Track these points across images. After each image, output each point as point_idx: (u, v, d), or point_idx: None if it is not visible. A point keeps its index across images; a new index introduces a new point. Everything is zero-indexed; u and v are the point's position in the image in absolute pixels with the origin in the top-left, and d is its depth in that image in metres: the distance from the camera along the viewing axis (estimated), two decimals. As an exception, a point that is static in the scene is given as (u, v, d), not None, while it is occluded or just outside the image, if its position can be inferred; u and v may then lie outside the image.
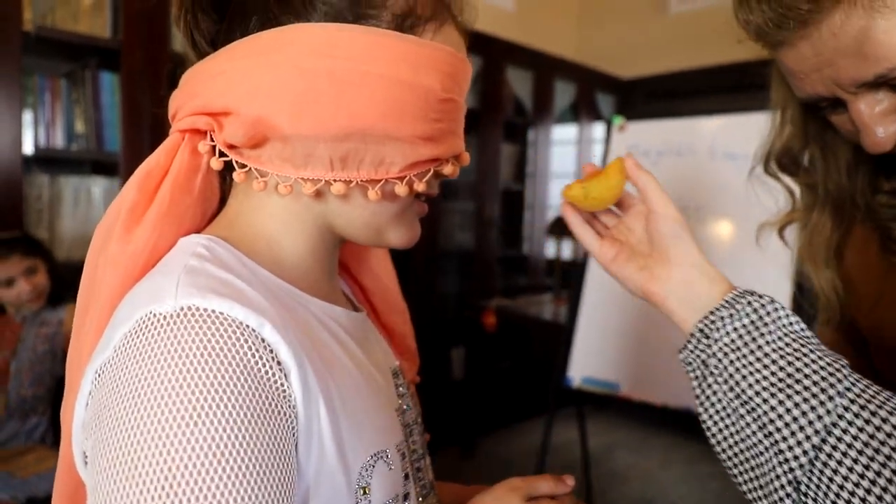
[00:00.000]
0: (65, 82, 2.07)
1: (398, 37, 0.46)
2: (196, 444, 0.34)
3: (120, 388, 0.36)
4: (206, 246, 0.44)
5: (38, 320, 1.67)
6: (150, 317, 0.38)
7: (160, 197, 0.45)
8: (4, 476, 1.51)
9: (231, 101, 0.44)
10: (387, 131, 0.45)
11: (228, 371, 0.36)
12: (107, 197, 2.13)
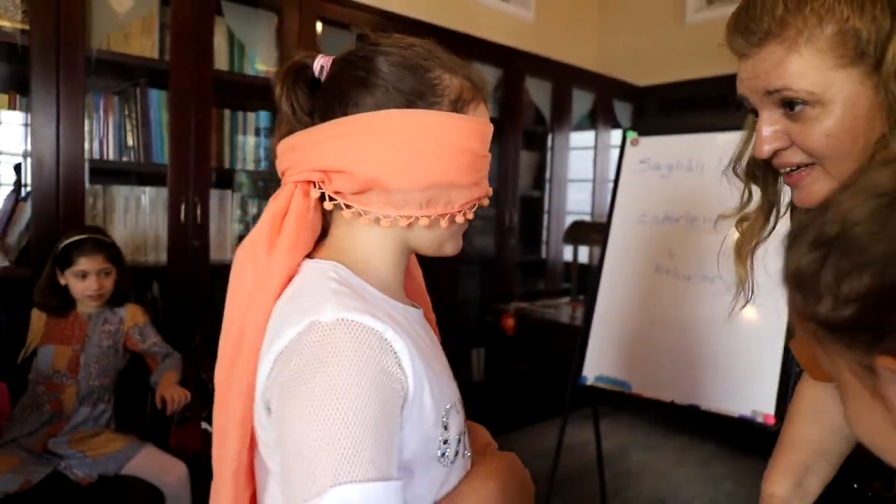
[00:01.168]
0: (117, 99, 2.31)
1: (455, 116, 0.67)
2: (348, 401, 0.55)
3: (301, 369, 0.57)
4: (335, 270, 0.66)
5: (102, 318, 1.90)
6: (316, 323, 0.59)
7: (286, 229, 0.66)
8: (80, 455, 1.75)
9: (345, 164, 0.65)
10: (453, 182, 0.67)
11: (366, 361, 0.57)
12: (153, 205, 2.37)
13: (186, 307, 2.29)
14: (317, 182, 0.68)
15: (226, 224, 2.53)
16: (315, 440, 0.54)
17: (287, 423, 0.57)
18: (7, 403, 1.83)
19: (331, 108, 0.68)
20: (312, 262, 0.68)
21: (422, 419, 0.63)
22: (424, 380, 0.63)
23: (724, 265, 0.90)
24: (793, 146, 0.69)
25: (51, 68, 2.04)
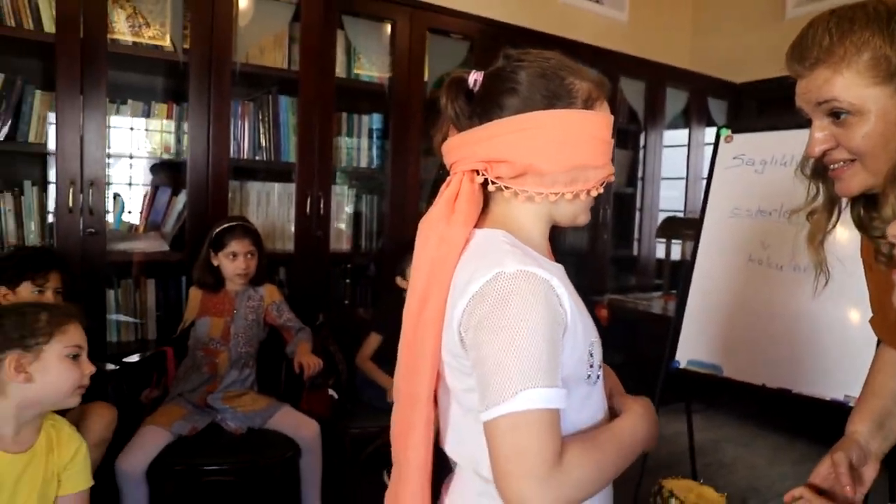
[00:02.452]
0: (252, 106, 2.69)
1: (588, 112, 0.91)
2: (530, 329, 0.78)
3: (493, 306, 0.80)
4: (504, 236, 0.89)
5: (246, 295, 2.26)
6: (501, 273, 0.81)
7: (459, 207, 0.91)
8: (232, 410, 2.11)
9: (506, 155, 0.89)
10: (589, 164, 0.91)
11: (541, 301, 0.80)
12: (281, 199, 2.74)
13: (309, 290, 2.63)
14: (480, 170, 0.93)
15: (343, 216, 2.87)
16: (507, 358, 0.78)
17: (485, 347, 0.80)
18: (173, 365, 2.21)
19: (488, 112, 0.93)
20: (482, 231, 0.93)
21: (575, 346, 0.86)
22: (577, 316, 0.86)
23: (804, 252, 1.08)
24: (838, 147, 0.89)
25: (204, 81, 2.43)
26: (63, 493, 1.39)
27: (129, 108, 2.50)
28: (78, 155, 2.25)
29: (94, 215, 2.27)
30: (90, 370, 1.39)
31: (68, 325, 1.38)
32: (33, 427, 1.37)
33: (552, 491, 0.76)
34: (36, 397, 1.34)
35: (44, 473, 1.36)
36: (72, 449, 1.41)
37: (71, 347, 1.36)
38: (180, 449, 1.97)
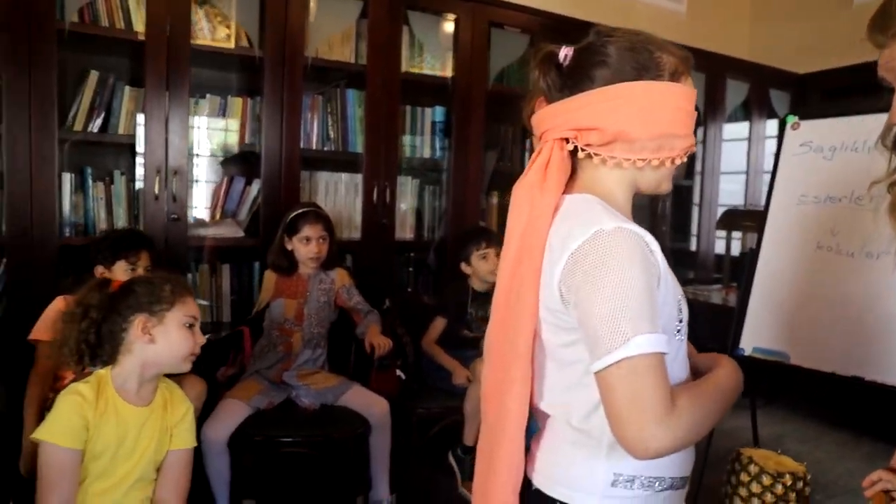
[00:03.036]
0: (321, 99, 2.82)
1: (674, 85, 0.96)
2: (632, 281, 0.84)
3: (596, 262, 0.86)
4: (596, 200, 0.96)
5: (318, 278, 2.38)
6: (600, 231, 0.87)
7: (550, 174, 0.98)
8: (305, 387, 2.23)
9: (597, 123, 0.96)
10: (675, 133, 0.96)
11: (638, 254, 0.86)
12: (347, 188, 2.86)
13: (375, 277, 2.74)
14: (570, 138, 1.00)
15: (407, 206, 2.97)
16: (615, 308, 0.84)
17: (591, 301, 0.86)
18: (249, 344, 2.34)
19: (579, 84, 0.99)
20: (572, 196, 0.99)
21: (666, 300, 0.92)
22: (668, 273, 0.93)
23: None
24: None
25: (278, 75, 2.56)
26: (173, 448, 1.52)
27: (208, 103, 2.65)
28: (163, 146, 2.41)
29: (176, 202, 2.43)
30: (202, 340, 1.51)
31: (187, 296, 1.52)
32: (152, 386, 1.51)
33: (669, 432, 0.82)
34: (156, 358, 1.47)
35: (160, 427, 1.50)
36: (182, 409, 1.55)
37: (188, 317, 1.49)
38: (258, 422, 2.09)
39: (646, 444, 0.82)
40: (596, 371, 0.86)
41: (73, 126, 2.39)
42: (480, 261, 2.54)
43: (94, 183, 2.49)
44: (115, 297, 1.47)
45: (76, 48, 2.39)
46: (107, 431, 1.42)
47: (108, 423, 1.42)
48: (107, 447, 1.42)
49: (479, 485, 1.05)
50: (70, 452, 1.37)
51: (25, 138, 2.22)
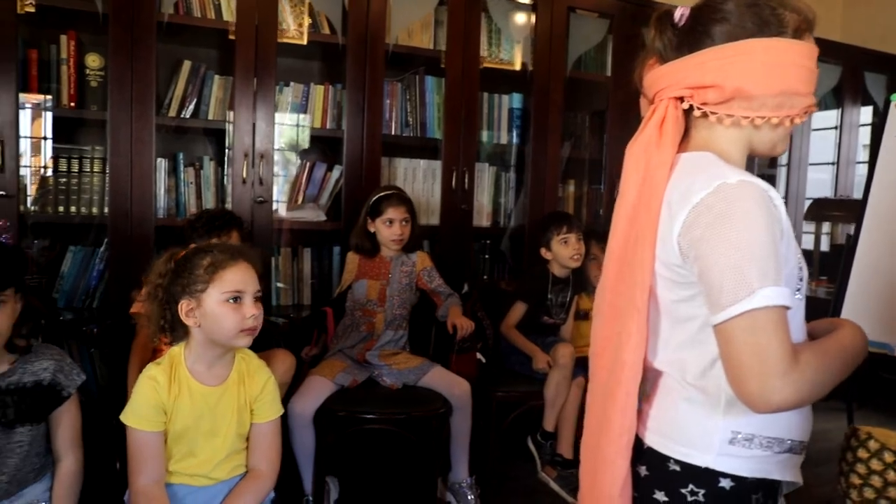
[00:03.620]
0: (400, 86, 2.87)
1: (797, 42, 0.94)
2: (758, 232, 0.83)
3: (721, 214, 0.85)
4: (715, 156, 0.94)
5: (400, 261, 2.42)
6: (724, 184, 0.87)
7: (665, 132, 0.97)
8: (387, 367, 2.27)
9: (715, 80, 0.94)
10: (798, 91, 0.94)
11: (763, 207, 0.85)
12: (426, 174, 2.89)
13: (454, 263, 2.76)
14: (685, 97, 0.99)
15: (483, 193, 2.99)
16: (740, 260, 0.83)
17: (714, 253, 0.85)
18: (332, 324, 2.40)
19: (697, 42, 0.98)
20: (687, 154, 0.98)
21: (788, 258, 0.90)
22: (790, 230, 0.91)
23: None
24: None
25: (360, 63, 2.62)
26: (257, 422, 1.52)
27: (291, 91, 2.73)
28: (250, 132, 2.50)
29: (263, 185, 2.52)
30: (251, 313, 1.42)
31: (226, 270, 1.42)
32: (224, 362, 1.50)
33: (792, 386, 0.80)
34: (207, 339, 1.45)
35: (237, 404, 1.50)
36: (261, 381, 1.53)
37: (228, 293, 1.41)
38: (342, 398, 2.14)
39: (767, 397, 0.80)
40: (717, 324, 0.85)
41: (167, 113, 2.51)
42: (561, 246, 2.52)
43: (185, 168, 2.61)
44: (169, 278, 1.44)
45: (171, 39, 2.51)
46: (183, 413, 1.44)
47: (183, 405, 1.44)
48: (186, 428, 1.45)
49: (589, 444, 1.05)
50: (151, 434, 1.42)
51: (127, 125, 2.35)
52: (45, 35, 2.39)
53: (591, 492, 1.04)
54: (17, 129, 2.24)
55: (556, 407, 2.39)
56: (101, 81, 2.44)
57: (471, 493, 2.28)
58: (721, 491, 0.93)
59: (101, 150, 2.48)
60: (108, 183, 2.38)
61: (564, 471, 2.36)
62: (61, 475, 1.49)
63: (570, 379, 2.37)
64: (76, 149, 2.50)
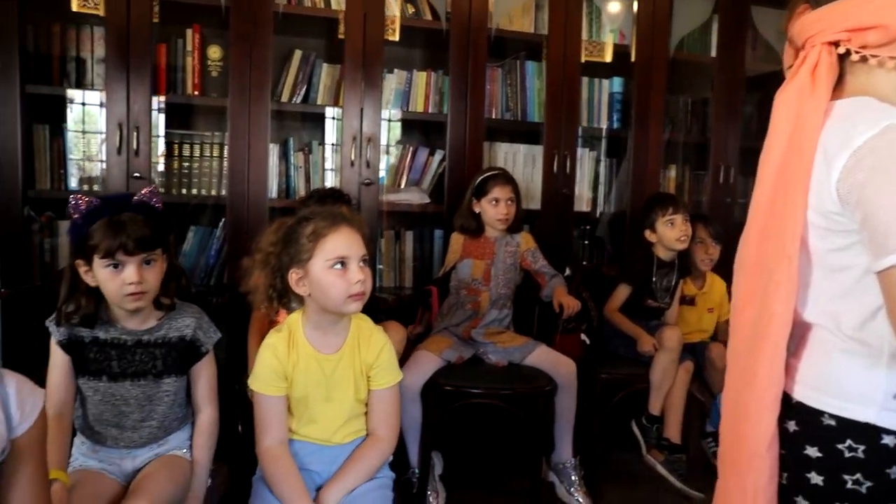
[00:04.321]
0: (501, 71, 2.89)
1: None
2: None
3: (886, 156, 0.83)
4: (876, 100, 0.91)
5: (504, 241, 2.45)
6: (892, 125, 0.84)
7: (818, 77, 0.94)
8: (492, 345, 2.30)
9: (880, 20, 0.90)
10: None
11: None
12: (527, 159, 2.91)
13: (555, 247, 2.75)
14: (841, 41, 0.96)
15: (583, 178, 2.98)
16: None
17: (880, 196, 0.83)
18: (437, 303, 2.46)
19: None
20: (843, 101, 0.96)
21: None
22: None
23: None
24: None
25: (464, 49, 2.68)
26: (374, 388, 1.55)
27: (395, 77, 2.81)
28: (358, 116, 2.60)
29: (370, 168, 2.61)
30: (357, 278, 1.41)
31: (328, 236, 1.41)
32: (339, 329, 1.52)
33: None
34: (318, 307, 1.47)
35: (354, 370, 1.52)
36: (377, 347, 1.54)
37: (333, 259, 1.41)
38: (448, 373, 2.19)
39: None
40: (882, 269, 0.83)
41: (279, 100, 2.64)
42: (667, 227, 2.48)
43: (295, 153, 2.74)
44: (279, 248, 1.46)
45: (284, 30, 2.63)
46: (302, 379, 1.50)
47: (302, 372, 1.49)
48: (305, 393, 1.50)
49: (729, 401, 1.04)
50: (274, 399, 1.49)
51: (245, 111, 2.49)
52: (172, 31, 2.56)
53: (733, 450, 1.03)
54: (149, 117, 2.42)
55: (662, 390, 2.35)
56: (221, 71, 2.60)
57: (574, 473, 2.28)
58: (883, 448, 0.90)
59: (220, 136, 2.65)
60: (226, 166, 2.54)
61: (671, 455, 2.32)
62: (200, 425, 1.60)
63: (676, 362, 2.33)
64: (197, 134, 2.68)
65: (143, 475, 1.49)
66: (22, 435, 0.97)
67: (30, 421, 0.98)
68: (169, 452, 1.56)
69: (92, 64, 2.53)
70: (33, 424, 0.98)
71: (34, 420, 0.98)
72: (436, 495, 2.25)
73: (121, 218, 1.41)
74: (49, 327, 1.49)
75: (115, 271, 1.41)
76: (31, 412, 0.98)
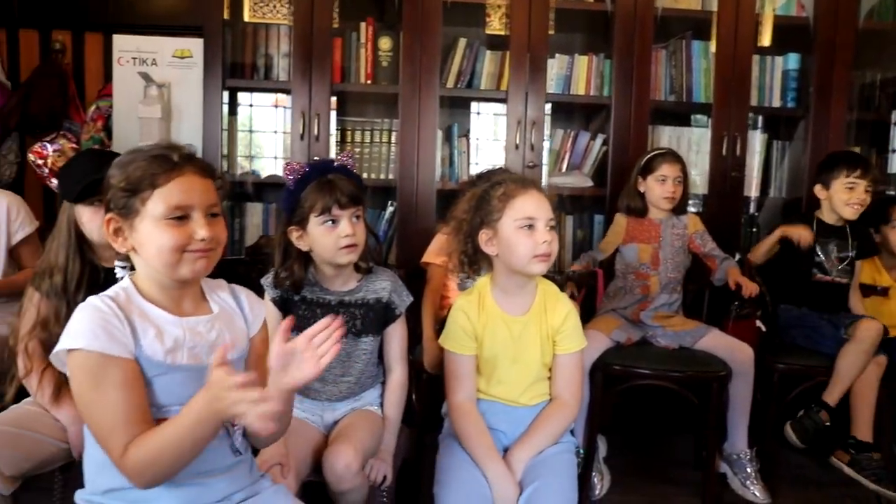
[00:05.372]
0: (664, 52, 2.83)
1: None
2: None
3: None
4: None
5: (670, 223, 2.38)
6: None
7: None
8: (661, 328, 2.25)
9: None
10: None
11: None
12: (691, 142, 2.82)
13: (723, 231, 2.64)
14: None
15: (753, 162, 2.84)
16: None
17: None
18: (602, 285, 2.45)
19: None
20: None
21: None
22: None
23: None
24: None
25: (629, 31, 2.65)
26: (559, 353, 1.59)
27: (556, 62, 2.82)
28: (522, 101, 2.64)
29: (533, 151, 2.65)
30: (544, 238, 1.47)
31: (517, 198, 1.49)
32: (526, 293, 1.57)
33: None
34: (507, 268, 1.53)
35: (540, 333, 1.58)
36: (562, 313, 1.58)
37: (521, 219, 1.48)
38: (618, 354, 2.17)
39: None
40: None
41: (445, 86, 2.73)
42: (844, 189, 2.27)
43: (459, 138, 2.83)
44: (471, 212, 1.54)
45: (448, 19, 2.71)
46: (490, 340, 1.56)
47: (490, 333, 1.56)
48: (493, 353, 1.57)
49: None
50: (464, 357, 1.57)
51: (416, 97, 2.61)
52: (347, 26, 2.74)
53: None
54: (328, 105, 2.61)
55: (845, 382, 2.17)
56: (390, 61, 2.74)
57: (750, 466, 2.19)
58: None
59: (388, 123, 2.80)
60: (394, 151, 2.68)
61: (859, 454, 2.15)
62: (392, 384, 1.70)
63: (869, 355, 2.15)
64: (367, 121, 2.85)
65: (343, 424, 1.62)
66: (254, 336, 1.23)
67: (258, 324, 1.24)
68: (363, 407, 1.68)
69: (277, 59, 2.77)
70: (261, 328, 1.25)
71: (260, 325, 1.25)
72: (600, 477, 2.24)
73: (329, 178, 1.55)
74: (265, 286, 1.65)
75: (330, 227, 1.54)
76: (258, 317, 1.25)
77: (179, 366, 1.10)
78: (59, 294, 1.49)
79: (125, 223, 1.09)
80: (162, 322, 1.11)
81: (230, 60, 2.68)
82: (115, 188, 1.09)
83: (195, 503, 1.12)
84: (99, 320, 1.05)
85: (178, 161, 1.10)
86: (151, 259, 1.09)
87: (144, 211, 1.07)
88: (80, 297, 1.41)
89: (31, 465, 1.45)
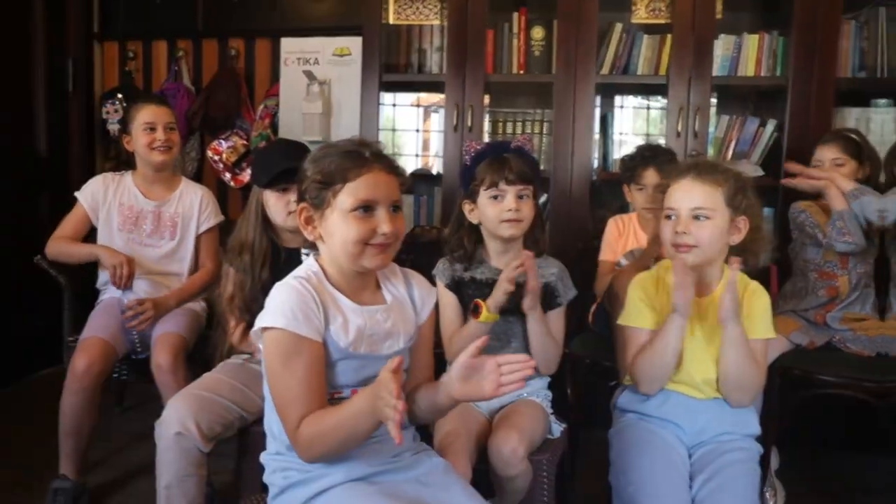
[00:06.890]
0: (853, 24, 2.52)
1: None
2: None
3: None
4: None
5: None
6: None
7: None
8: (853, 332, 2.00)
9: None
10: None
11: None
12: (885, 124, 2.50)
13: None
14: None
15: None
16: None
17: None
18: (777, 282, 2.23)
19: None
20: None
21: None
22: None
23: None
24: None
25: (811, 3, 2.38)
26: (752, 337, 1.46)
27: (721, 42, 2.60)
28: (685, 85, 2.47)
29: (697, 139, 2.47)
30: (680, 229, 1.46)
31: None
32: (710, 275, 1.50)
33: None
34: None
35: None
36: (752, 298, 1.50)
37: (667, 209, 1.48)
38: (798, 358, 1.96)
39: None
40: None
41: (600, 72, 2.62)
42: None
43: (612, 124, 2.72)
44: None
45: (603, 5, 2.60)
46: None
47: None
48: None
49: None
50: (644, 331, 1.50)
51: (571, 86, 2.52)
52: (499, 17, 2.70)
53: None
54: (482, 97, 2.59)
55: None
56: (542, 51, 2.68)
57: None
58: None
59: (541, 113, 2.74)
60: (545, 141, 2.63)
61: None
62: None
63: None
64: (520, 112, 2.81)
65: (508, 410, 1.59)
66: (422, 324, 1.27)
67: (426, 313, 1.28)
68: (529, 397, 1.63)
69: (430, 53, 2.79)
70: (429, 316, 1.29)
71: (429, 313, 1.29)
72: (772, 493, 2.04)
73: (502, 156, 1.60)
74: (436, 274, 1.66)
75: (496, 201, 1.58)
76: (427, 305, 1.29)
77: (358, 354, 1.17)
78: (247, 270, 1.67)
79: (316, 213, 1.16)
80: (346, 310, 1.18)
81: (384, 59, 2.74)
82: (309, 180, 1.16)
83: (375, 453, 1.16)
84: (298, 302, 1.12)
85: (369, 157, 1.15)
86: (336, 248, 1.16)
87: (335, 203, 1.13)
88: (264, 273, 1.64)
89: (222, 428, 1.58)
